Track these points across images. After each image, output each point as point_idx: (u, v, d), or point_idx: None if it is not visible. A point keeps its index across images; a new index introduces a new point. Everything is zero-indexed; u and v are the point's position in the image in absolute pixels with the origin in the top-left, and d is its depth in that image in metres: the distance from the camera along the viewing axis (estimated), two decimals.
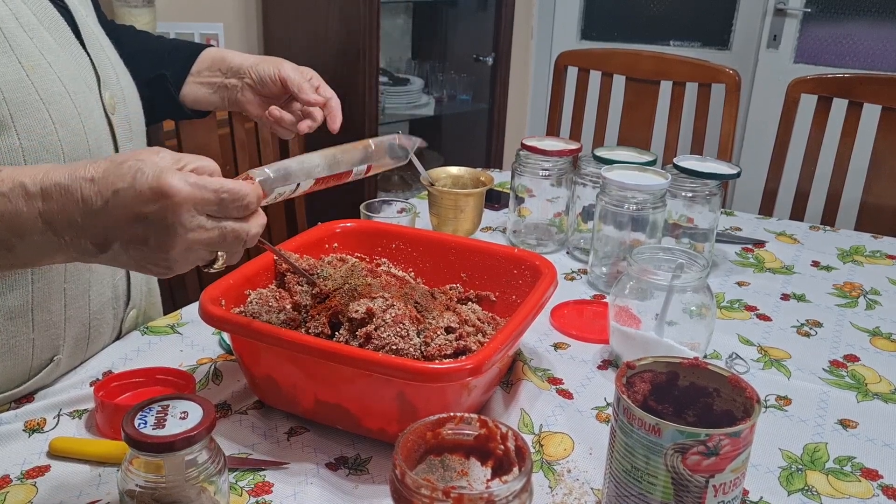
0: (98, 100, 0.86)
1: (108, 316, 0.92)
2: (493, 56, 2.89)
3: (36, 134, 0.76)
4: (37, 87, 0.77)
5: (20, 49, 0.76)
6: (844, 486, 0.74)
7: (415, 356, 0.75)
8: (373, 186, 2.56)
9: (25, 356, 0.83)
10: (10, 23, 0.76)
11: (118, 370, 0.88)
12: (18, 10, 0.78)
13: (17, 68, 0.75)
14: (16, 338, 0.82)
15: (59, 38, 0.83)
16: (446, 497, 0.53)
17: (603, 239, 1.15)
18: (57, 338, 0.85)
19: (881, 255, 1.32)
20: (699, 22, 3.22)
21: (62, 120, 0.79)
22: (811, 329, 1.05)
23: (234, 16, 2.52)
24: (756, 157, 2.97)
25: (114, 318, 0.94)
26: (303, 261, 0.91)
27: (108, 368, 0.89)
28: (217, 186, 0.60)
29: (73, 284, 0.86)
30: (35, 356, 0.84)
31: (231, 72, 1.03)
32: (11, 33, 0.76)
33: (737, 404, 0.63)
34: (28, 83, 0.76)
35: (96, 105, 0.86)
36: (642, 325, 0.90)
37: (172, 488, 0.57)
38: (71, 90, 0.81)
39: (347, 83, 2.44)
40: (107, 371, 0.88)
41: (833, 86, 1.67)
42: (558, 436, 0.80)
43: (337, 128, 0.96)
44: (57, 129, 0.78)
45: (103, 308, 0.91)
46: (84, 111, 0.82)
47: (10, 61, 0.75)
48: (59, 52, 0.81)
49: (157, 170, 0.58)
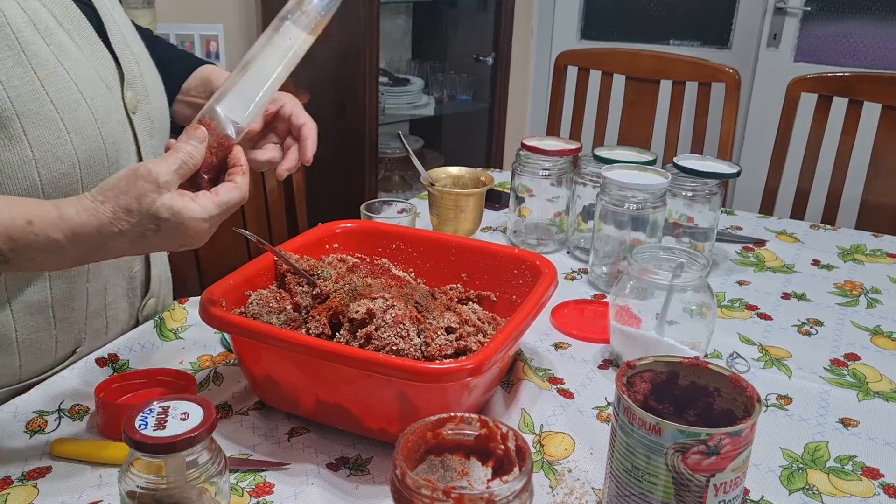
0: (119, 100, 0.85)
1: (125, 305, 0.95)
2: (493, 56, 2.89)
3: (49, 144, 0.76)
4: (51, 97, 0.76)
5: (36, 58, 0.75)
6: (845, 485, 0.74)
7: (415, 356, 0.75)
8: (373, 187, 2.56)
9: (48, 350, 0.86)
10: (27, 30, 0.75)
11: (122, 357, 0.91)
12: (37, 15, 0.77)
13: (31, 79, 0.74)
14: (38, 332, 0.84)
15: (81, 38, 0.82)
16: (447, 497, 0.53)
17: (603, 238, 1.15)
18: (79, 332, 0.89)
19: (882, 253, 1.32)
20: (699, 21, 3.22)
21: (77, 128, 0.78)
22: (812, 328, 1.05)
23: (234, 17, 2.52)
24: (756, 156, 2.97)
25: (130, 307, 0.96)
26: (303, 261, 0.91)
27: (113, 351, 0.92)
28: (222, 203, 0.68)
29: (94, 283, 0.88)
30: (59, 349, 0.87)
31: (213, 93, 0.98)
32: (28, 42, 0.75)
33: (737, 403, 0.63)
34: (42, 93, 0.75)
35: (116, 106, 0.85)
36: (643, 325, 0.90)
37: (173, 489, 0.57)
38: (88, 96, 0.80)
39: (347, 84, 2.44)
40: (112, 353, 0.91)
41: (833, 84, 1.67)
42: (559, 435, 0.80)
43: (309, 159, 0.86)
44: (71, 138, 0.78)
45: (118, 299, 0.93)
46: (102, 116, 0.81)
47: (24, 72, 0.74)
48: (78, 56, 0.80)
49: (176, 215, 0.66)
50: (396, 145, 2.78)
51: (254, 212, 1.63)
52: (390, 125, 2.68)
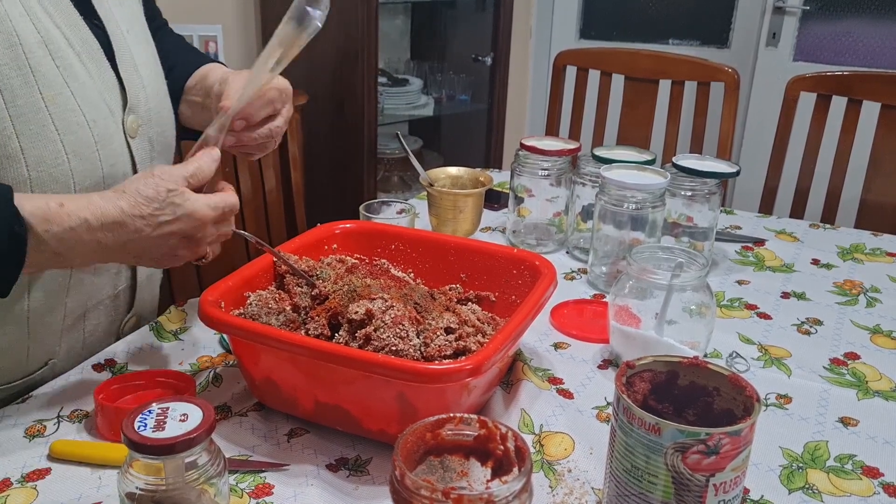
0: (119, 124, 0.85)
1: (104, 322, 0.94)
2: (491, 56, 2.89)
3: (46, 164, 0.76)
4: (54, 119, 0.76)
5: (44, 79, 0.75)
6: (845, 485, 0.74)
7: (414, 357, 0.75)
8: (372, 187, 2.56)
9: (20, 360, 0.85)
10: (39, 51, 0.75)
11: (120, 361, 0.91)
12: (49, 36, 0.77)
13: (36, 99, 0.75)
14: (10, 342, 0.84)
15: (90, 61, 0.82)
16: (446, 498, 0.53)
17: (602, 238, 1.15)
18: (54, 344, 0.88)
19: (881, 252, 1.32)
20: (698, 20, 3.22)
21: (76, 150, 0.78)
22: (811, 327, 1.05)
23: (233, 17, 2.52)
24: (755, 156, 2.97)
25: (110, 324, 0.95)
26: (302, 262, 0.91)
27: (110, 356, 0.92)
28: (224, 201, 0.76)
29: (74, 298, 0.87)
30: (30, 361, 0.86)
31: (206, 92, 0.96)
32: (38, 62, 0.75)
33: (737, 403, 0.63)
34: (45, 114, 0.76)
35: (117, 130, 0.85)
36: (642, 325, 0.90)
37: (173, 491, 0.57)
38: (90, 118, 0.80)
39: (346, 84, 2.44)
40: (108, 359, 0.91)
41: (832, 83, 1.67)
42: (559, 436, 0.80)
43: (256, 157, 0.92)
44: (69, 159, 0.78)
45: (98, 315, 0.92)
46: (102, 139, 0.81)
47: (30, 93, 0.74)
48: (85, 79, 0.80)
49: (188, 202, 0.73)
50: (395, 146, 2.78)
51: (252, 213, 1.63)
52: (389, 125, 2.68)
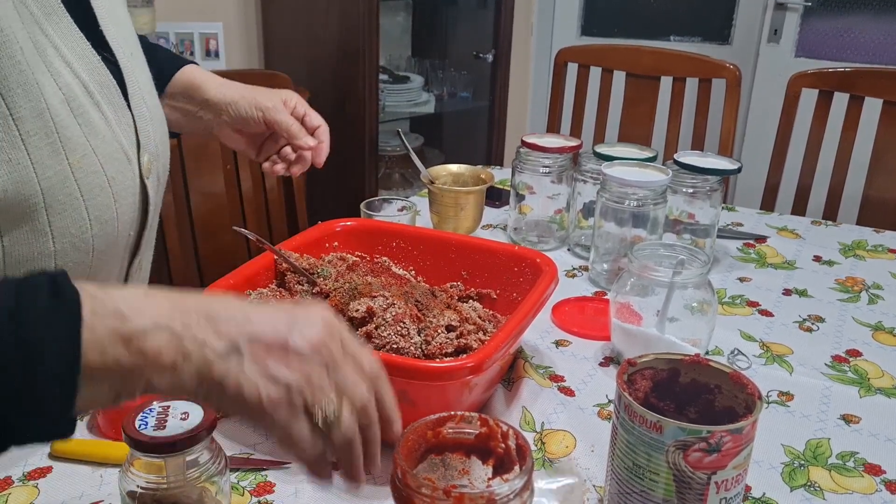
0: (136, 168, 0.81)
1: None
2: (493, 53, 2.88)
3: (70, 235, 0.73)
4: (80, 185, 0.72)
5: (70, 143, 0.70)
6: (847, 482, 0.74)
7: (415, 355, 0.75)
8: (373, 185, 2.56)
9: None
10: (63, 112, 0.70)
11: None
12: (70, 91, 0.71)
13: (63, 167, 0.70)
14: None
15: (108, 105, 0.76)
16: (447, 496, 0.53)
17: (604, 236, 1.14)
18: None
19: (883, 249, 1.32)
20: (699, 17, 3.21)
21: (98, 215, 0.75)
22: (813, 324, 1.05)
23: (234, 15, 2.52)
24: (757, 153, 2.96)
25: None
26: (303, 260, 0.91)
27: None
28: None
29: None
30: None
31: (206, 106, 0.96)
32: (63, 125, 0.70)
33: (738, 400, 0.63)
34: (72, 181, 0.71)
35: (133, 177, 0.80)
36: (644, 322, 0.90)
37: (174, 489, 0.57)
38: (110, 175, 0.76)
39: (347, 81, 2.44)
40: None
41: (834, 80, 1.67)
42: (560, 433, 0.80)
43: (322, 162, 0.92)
44: (92, 225, 0.74)
45: None
46: (120, 195, 0.77)
47: (58, 161, 0.70)
48: (104, 132, 0.75)
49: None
50: (396, 143, 2.78)
51: (253, 211, 1.63)
52: (390, 123, 2.68)
